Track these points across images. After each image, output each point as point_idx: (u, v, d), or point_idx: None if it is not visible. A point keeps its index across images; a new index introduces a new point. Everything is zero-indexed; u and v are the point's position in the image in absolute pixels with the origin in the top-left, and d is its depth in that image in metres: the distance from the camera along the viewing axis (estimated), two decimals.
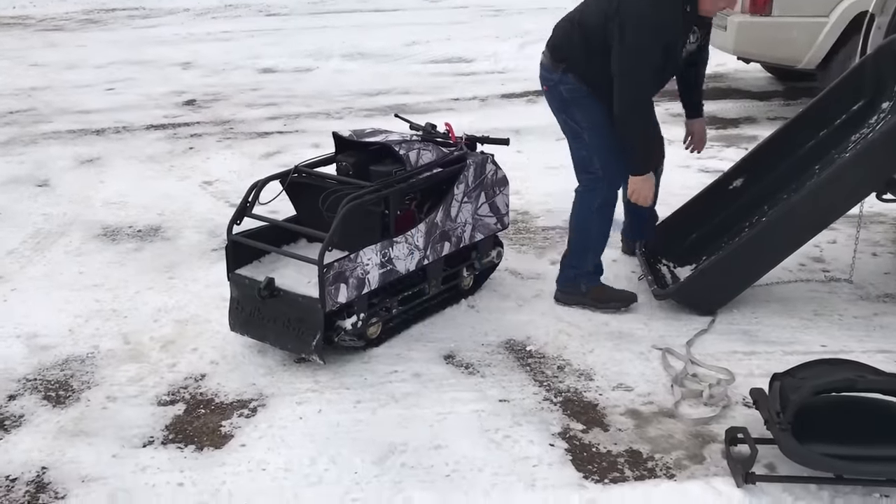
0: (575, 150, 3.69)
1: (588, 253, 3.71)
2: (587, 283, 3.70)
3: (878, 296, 3.75)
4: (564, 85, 3.52)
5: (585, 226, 3.71)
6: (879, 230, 4.45)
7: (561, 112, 3.64)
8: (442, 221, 3.49)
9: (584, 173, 3.69)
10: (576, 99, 3.53)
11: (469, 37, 10.85)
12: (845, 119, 3.76)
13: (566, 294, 3.73)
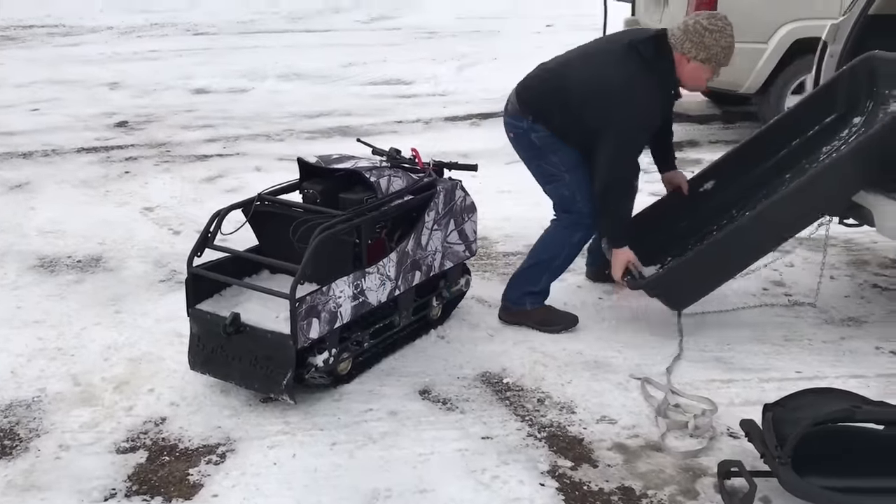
0: (554, 191, 3.66)
1: (546, 275, 3.70)
2: (533, 302, 3.67)
3: (842, 319, 3.78)
4: (535, 133, 3.51)
5: (556, 252, 3.68)
6: (833, 253, 4.51)
7: (534, 159, 3.61)
8: (413, 250, 3.37)
9: (565, 212, 3.67)
10: (549, 145, 3.51)
11: (405, 59, 10.79)
12: (818, 130, 3.79)
13: (511, 313, 3.70)
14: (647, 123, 3.42)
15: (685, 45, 3.31)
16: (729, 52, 3.33)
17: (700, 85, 3.45)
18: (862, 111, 3.73)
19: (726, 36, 3.30)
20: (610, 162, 3.37)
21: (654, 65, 3.35)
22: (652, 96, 3.36)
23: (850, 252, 4.52)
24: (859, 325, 3.72)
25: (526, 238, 4.75)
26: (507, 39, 11.88)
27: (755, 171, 3.86)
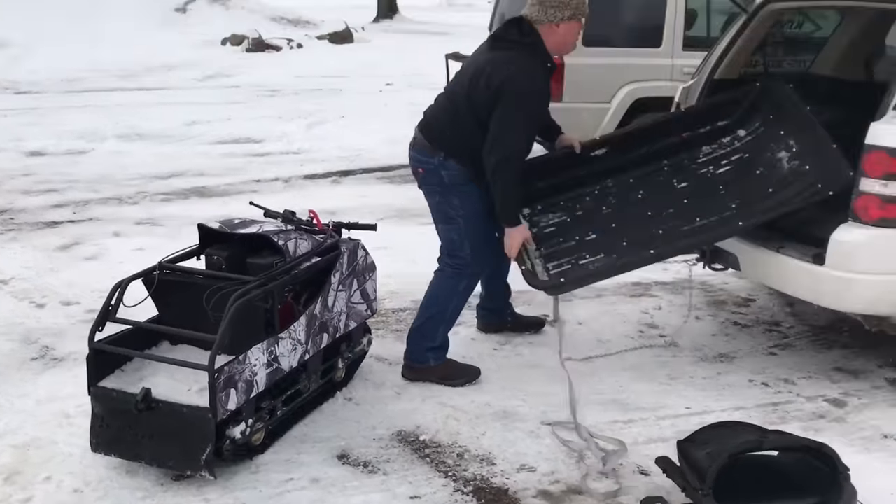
0: (445, 233, 3.74)
1: (441, 327, 3.75)
2: (436, 358, 3.72)
3: (714, 356, 4.10)
4: (446, 170, 3.57)
5: (445, 303, 3.75)
6: (693, 294, 4.90)
7: (437, 195, 3.68)
8: (321, 312, 3.35)
9: (451, 257, 3.75)
10: (457, 185, 3.58)
11: (250, 116, 10.65)
12: (708, 130, 4.04)
13: (415, 371, 3.73)
14: (536, 95, 3.47)
15: (548, 12, 3.44)
16: (583, 3, 3.50)
17: (572, 45, 3.61)
18: (750, 128, 4.03)
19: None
20: (504, 135, 3.39)
21: (524, 42, 3.47)
22: (532, 67, 3.45)
23: (708, 293, 4.92)
24: (731, 360, 4.05)
25: (412, 294, 4.82)
26: (350, 98, 12.01)
27: (644, 148, 4.06)
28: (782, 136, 3.92)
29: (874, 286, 3.36)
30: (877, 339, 3.91)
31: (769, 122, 4.00)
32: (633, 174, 4.06)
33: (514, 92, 3.39)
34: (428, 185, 3.69)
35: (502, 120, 3.40)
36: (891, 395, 3.72)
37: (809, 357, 4.09)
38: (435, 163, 3.58)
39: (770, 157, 3.90)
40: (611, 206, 3.99)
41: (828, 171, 3.60)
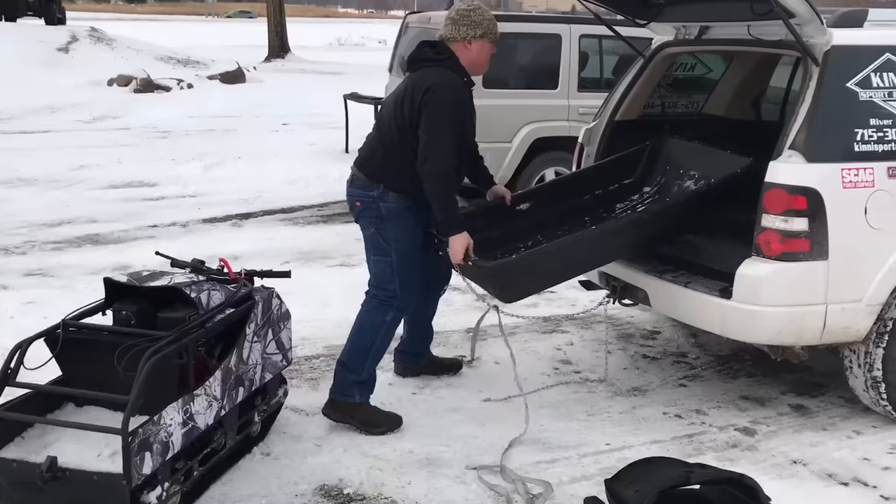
0: (376, 265, 3.77)
1: (368, 359, 3.73)
2: (361, 394, 3.70)
3: (628, 390, 4.18)
4: (385, 202, 3.62)
5: (372, 334, 3.74)
6: (602, 328, 5.00)
7: (372, 227, 3.71)
8: (236, 365, 3.23)
9: (380, 288, 3.77)
10: (392, 217, 3.63)
11: (142, 159, 10.30)
12: (617, 188, 4.30)
13: (338, 409, 3.68)
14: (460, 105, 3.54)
15: (461, 30, 3.59)
16: (495, 23, 3.67)
17: (485, 65, 3.72)
18: (653, 183, 4.32)
19: (485, 10, 3.67)
20: (432, 143, 3.45)
21: (440, 59, 3.60)
22: (452, 78, 3.55)
23: (616, 327, 5.02)
24: (644, 393, 4.14)
25: (325, 339, 4.73)
26: (246, 138, 11.81)
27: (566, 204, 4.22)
28: (682, 174, 4.20)
29: (778, 318, 3.51)
30: (778, 366, 4.08)
31: (667, 172, 4.29)
32: (561, 228, 4.15)
33: (438, 100, 3.47)
34: (365, 217, 3.73)
35: (429, 129, 3.47)
36: (795, 421, 3.87)
37: (717, 387, 4.23)
38: (374, 195, 3.64)
39: (677, 191, 4.16)
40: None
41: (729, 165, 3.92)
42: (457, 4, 3.76)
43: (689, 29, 4.33)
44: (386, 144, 3.64)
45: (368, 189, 3.66)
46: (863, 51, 3.55)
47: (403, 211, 3.63)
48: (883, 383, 3.67)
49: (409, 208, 3.63)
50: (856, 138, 3.48)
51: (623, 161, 4.37)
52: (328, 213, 7.90)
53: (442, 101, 3.48)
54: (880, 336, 3.63)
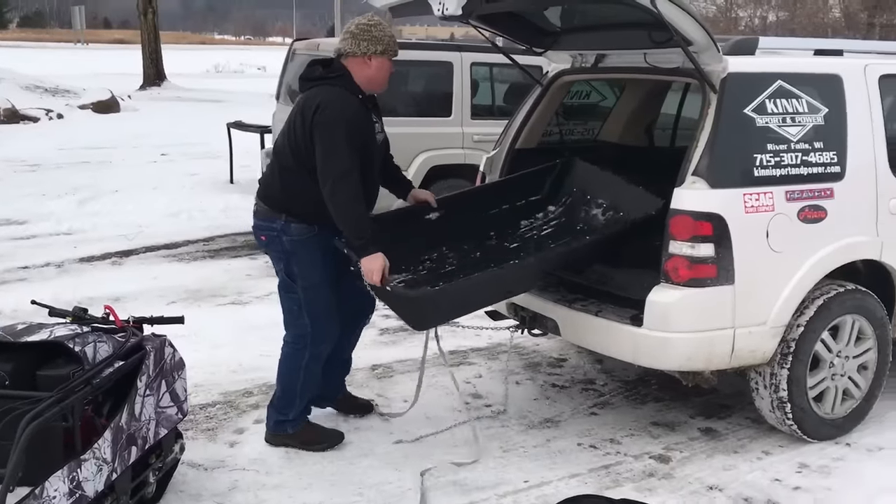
0: (286, 303, 3.71)
1: (295, 401, 3.71)
2: (293, 426, 3.72)
3: (540, 422, 4.10)
4: (287, 235, 3.52)
5: (293, 380, 3.70)
6: (507, 360, 4.92)
7: (280, 262, 3.63)
8: (127, 423, 2.95)
9: (292, 327, 3.71)
10: (297, 251, 3.52)
11: (9, 196, 9.56)
12: (524, 203, 4.25)
13: (276, 436, 3.74)
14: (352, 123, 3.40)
15: (361, 45, 3.49)
16: (395, 41, 3.58)
17: (384, 82, 3.59)
18: (558, 203, 4.30)
19: (386, 26, 3.57)
20: (328, 162, 3.35)
21: (330, 77, 3.50)
22: (343, 95, 3.43)
23: (522, 356, 4.96)
24: (556, 425, 4.07)
25: (220, 385, 4.46)
26: (123, 170, 11.23)
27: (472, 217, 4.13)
28: (589, 199, 4.21)
29: (688, 343, 3.50)
30: (685, 390, 4.09)
31: (574, 194, 4.28)
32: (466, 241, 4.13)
33: (328, 119, 3.37)
34: (272, 251, 3.66)
35: (324, 151, 3.37)
36: (707, 445, 3.89)
37: (628, 413, 4.21)
38: (277, 228, 3.53)
39: (585, 216, 4.18)
40: (452, 264, 4.04)
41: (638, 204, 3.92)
42: (356, 19, 3.64)
43: (585, 57, 4.34)
44: (283, 169, 3.54)
45: (271, 220, 3.55)
46: (757, 78, 3.63)
47: (308, 242, 3.52)
48: (788, 403, 3.73)
49: (314, 238, 3.51)
50: (755, 163, 3.54)
51: (532, 178, 4.32)
52: (215, 248, 7.56)
53: (332, 119, 3.37)
54: (784, 357, 3.69)
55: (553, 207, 4.31)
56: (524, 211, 4.28)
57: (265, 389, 4.42)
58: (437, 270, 3.99)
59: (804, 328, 3.68)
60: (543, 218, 4.28)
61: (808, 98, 3.71)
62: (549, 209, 4.30)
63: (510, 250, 4.15)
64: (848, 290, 3.80)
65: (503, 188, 4.25)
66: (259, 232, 3.63)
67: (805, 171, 3.65)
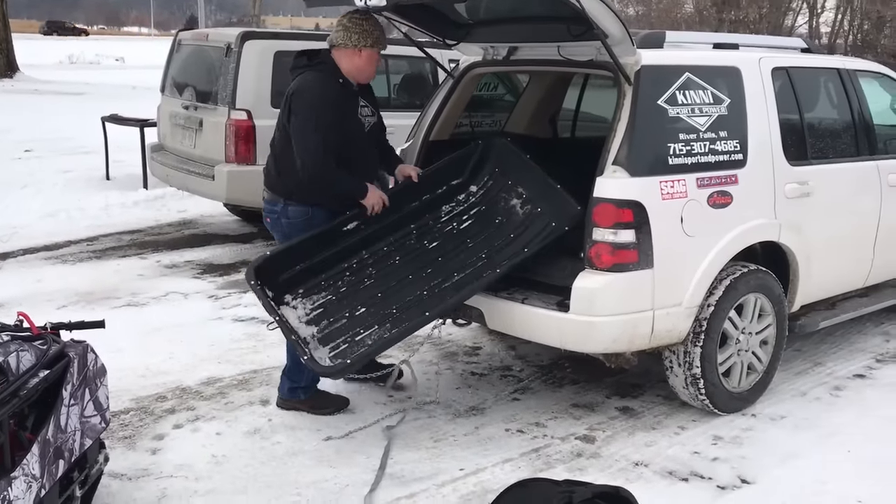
0: None
1: (305, 371, 3.85)
2: (304, 393, 3.97)
3: (466, 410, 4.15)
4: (285, 218, 3.83)
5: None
6: (425, 350, 4.93)
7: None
8: (54, 436, 2.78)
9: None
10: (294, 233, 3.83)
11: None
12: (445, 190, 4.22)
13: (287, 401, 3.99)
14: (328, 103, 3.64)
15: (353, 38, 3.75)
16: (384, 37, 3.86)
17: (371, 73, 3.87)
18: (480, 182, 4.27)
19: (376, 21, 3.85)
20: (302, 140, 3.61)
21: (312, 64, 3.77)
22: (321, 79, 3.70)
23: (438, 347, 4.98)
24: (482, 412, 4.13)
25: (128, 391, 4.28)
26: None
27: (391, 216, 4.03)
28: (510, 185, 4.22)
29: (613, 326, 3.63)
30: (597, 371, 4.25)
31: (496, 174, 4.27)
32: (386, 242, 4.09)
33: (301, 103, 3.66)
34: (275, 232, 3.96)
35: (296, 132, 3.64)
36: (626, 423, 4.04)
37: (548, 397, 4.32)
38: (277, 210, 3.84)
39: (504, 206, 4.17)
40: (371, 276, 3.98)
41: (558, 210, 3.95)
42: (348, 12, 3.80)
43: (497, 49, 4.41)
44: (276, 154, 3.85)
45: (273, 204, 3.86)
46: (668, 70, 3.79)
47: (304, 225, 3.81)
48: (701, 379, 3.93)
49: (309, 221, 3.81)
50: (669, 152, 3.71)
51: (455, 162, 4.28)
52: (100, 248, 7.18)
53: (305, 102, 3.65)
54: (697, 336, 3.89)
55: (475, 188, 4.27)
56: (446, 196, 4.23)
57: (179, 393, 4.27)
58: (357, 286, 3.93)
59: (714, 307, 3.89)
60: (465, 201, 4.24)
61: (713, 89, 3.91)
62: (472, 189, 4.26)
63: (428, 251, 4.09)
64: (751, 271, 4.04)
65: (424, 179, 4.22)
66: (265, 215, 3.92)
67: (712, 158, 3.85)
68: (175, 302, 5.81)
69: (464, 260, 3.98)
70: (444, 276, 3.92)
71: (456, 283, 3.87)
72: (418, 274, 3.94)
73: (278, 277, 3.83)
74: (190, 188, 6.99)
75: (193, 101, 6.99)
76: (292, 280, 3.86)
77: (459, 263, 3.97)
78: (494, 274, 3.80)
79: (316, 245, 3.94)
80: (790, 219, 4.17)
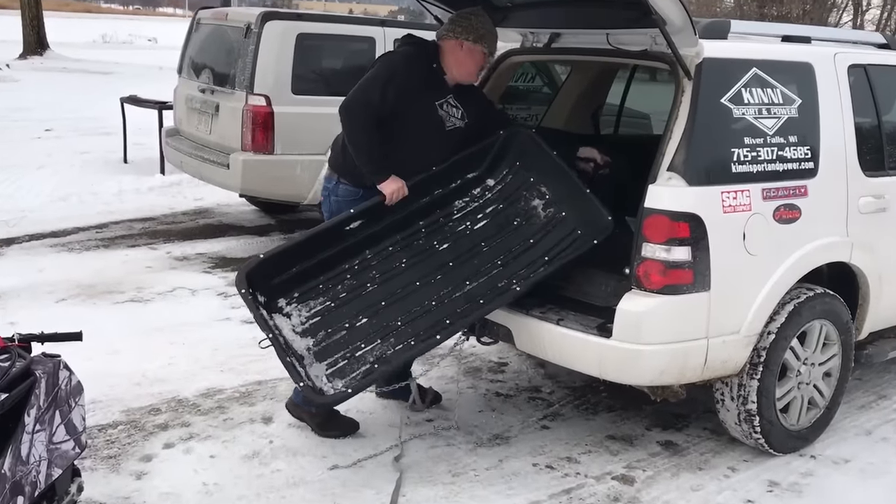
0: None
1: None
2: (318, 406, 3.55)
3: (489, 439, 3.72)
4: (335, 196, 3.61)
5: None
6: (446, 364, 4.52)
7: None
8: (12, 469, 2.39)
9: None
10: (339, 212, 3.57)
11: None
12: (459, 184, 3.76)
13: (298, 407, 3.66)
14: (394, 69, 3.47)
15: (456, 29, 3.54)
16: (494, 38, 3.61)
17: (471, 73, 3.61)
18: (498, 176, 3.80)
19: (489, 21, 3.59)
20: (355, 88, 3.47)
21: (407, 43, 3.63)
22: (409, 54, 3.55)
23: (461, 361, 4.57)
24: (507, 442, 3.70)
25: (122, 400, 3.90)
26: (2, 147, 10.21)
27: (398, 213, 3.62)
28: (533, 182, 3.77)
29: (662, 356, 3.18)
30: (637, 397, 3.79)
31: (516, 168, 3.80)
32: (392, 241, 3.65)
33: (383, 60, 3.58)
34: (323, 210, 3.74)
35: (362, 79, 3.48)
36: (669, 461, 3.60)
37: (581, 426, 3.88)
38: (329, 187, 3.64)
39: (524, 206, 3.74)
40: (375, 280, 3.55)
41: (586, 219, 3.51)
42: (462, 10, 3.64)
43: (537, 36, 3.96)
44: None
45: (328, 180, 3.68)
46: (734, 64, 3.32)
47: (349, 206, 3.55)
48: (757, 416, 3.47)
49: (355, 202, 3.55)
50: (733, 158, 3.24)
51: (471, 154, 3.80)
52: (109, 236, 6.83)
53: (383, 63, 3.55)
54: (754, 367, 3.43)
55: (492, 181, 3.80)
56: (459, 191, 3.76)
57: (174, 406, 3.89)
58: (358, 292, 3.52)
59: (775, 335, 3.43)
60: (480, 196, 3.77)
61: (783, 88, 3.44)
62: (488, 183, 3.80)
63: (438, 253, 3.65)
64: (817, 294, 3.57)
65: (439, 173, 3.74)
66: (322, 192, 3.74)
67: (781, 167, 3.38)
68: (182, 299, 5.44)
69: (477, 266, 3.55)
70: (455, 285, 3.49)
71: (467, 294, 3.46)
72: (426, 280, 3.51)
73: (272, 280, 3.43)
74: (204, 176, 6.61)
75: (210, 84, 6.60)
76: (287, 282, 3.46)
77: (472, 270, 3.54)
78: (512, 292, 3.38)
79: (315, 246, 3.53)
80: (863, 237, 3.69)
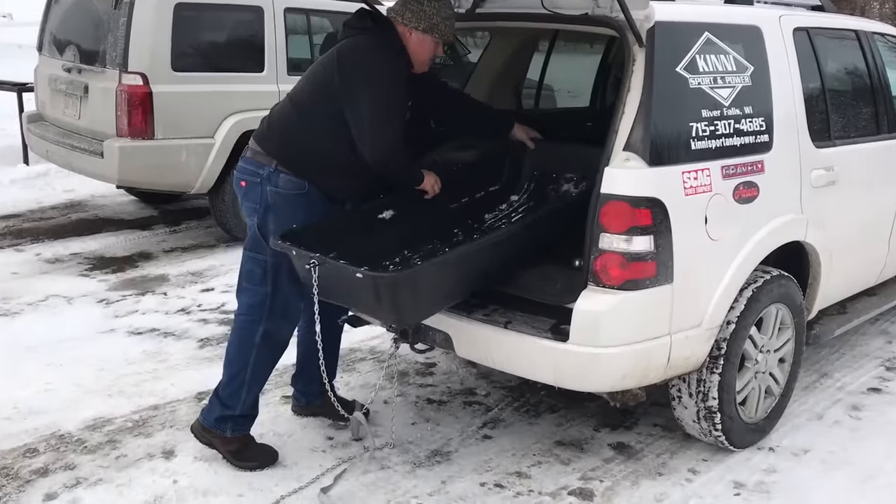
0: (249, 262, 3.16)
1: (242, 391, 3.14)
2: (234, 429, 3.17)
3: (427, 457, 3.31)
4: (272, 185, 3.05)
5: (243, 359, 3.13)
6: (367, 367, 4.09)
7: (254, 215, 3.11)
8: None
9: (247, 294, 3.16)
10: (279, 205, 3.06)
11: None
12: (484, 195, 3.59)
13: (209, 433, 3.18)
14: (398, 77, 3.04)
15: (405, 15, 3.12)
16: (450, 25, 3.16)
17: (424, 64, 3.19)
18: (520, 191, 3.65)
19: (446, 6, 3.16)
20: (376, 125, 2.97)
21: (378, 30, 3.12)
22: (391, 50, 3.08)
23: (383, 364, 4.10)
24: (448, 458, 3.30)
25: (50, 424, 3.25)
26: None
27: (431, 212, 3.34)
28: (556, 178, 3.61)
29: (625, 359, 2.84)
30: (578, 394, 3.43)
31: (535, 178, 3.66)
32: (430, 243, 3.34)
33: (372, 77, 2.98)
34: (247, 203, 3.16)
35: (372, 105, 2.97)
36: (625, 467, 3.28)
37: (525, 433, 3.52)
38: (262, 175, 3.07)
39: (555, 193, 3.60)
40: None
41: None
42: None
43: (459, 1, 3.51)
44: (295, 116, 3.10)
45: (258, 166, 3.08)
46: (686, 29, 2.98)
47: (294, 199, 3.05)
48: (718, 413, 3.19)
49: (301, 197, 3.05)
50: (692, 134, 2.91)
51: (486, 165, 3.63)
52: None
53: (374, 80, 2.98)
54: (714, 361, 3.14)
55: (515, 197, 3.64)
56: (486, 204, 3.59)
57: (55, 444, 3.30)
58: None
59: (735, 325, 3.15)
60: (507, 209, 3.60)
61: (735, 54, 3.13)
62: (512, 199, 3.63)
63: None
64: (773, 277, 3.31)
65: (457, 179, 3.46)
66: (241, 176, 3.15)
67: (738, 141, 3.08)
68: (56, 309, 4.76)
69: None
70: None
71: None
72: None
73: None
74: (74, 167, 5.85)
75: (77, 62, 5.83)
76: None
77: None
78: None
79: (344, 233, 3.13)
80: (816, 212, 3.46)
